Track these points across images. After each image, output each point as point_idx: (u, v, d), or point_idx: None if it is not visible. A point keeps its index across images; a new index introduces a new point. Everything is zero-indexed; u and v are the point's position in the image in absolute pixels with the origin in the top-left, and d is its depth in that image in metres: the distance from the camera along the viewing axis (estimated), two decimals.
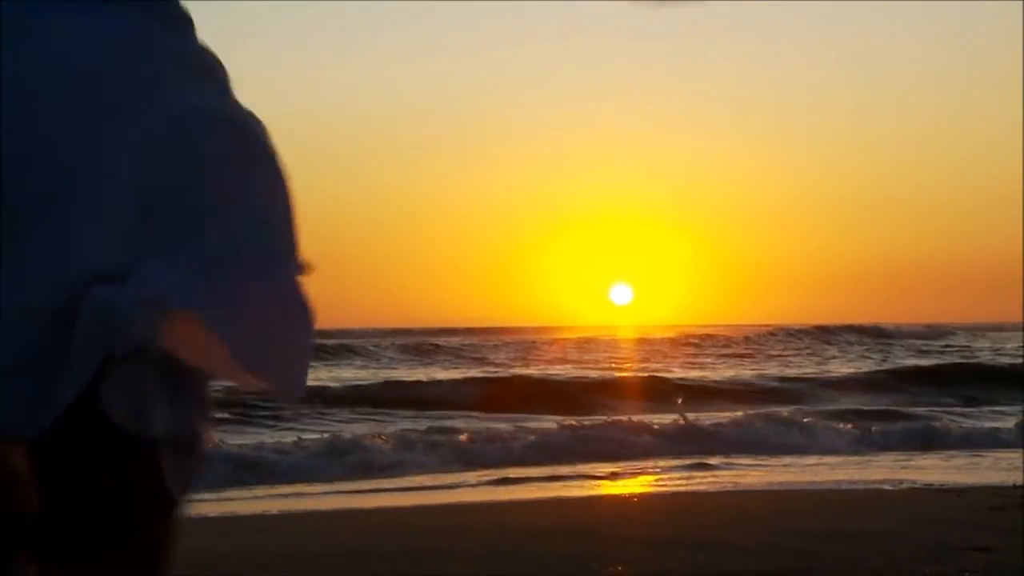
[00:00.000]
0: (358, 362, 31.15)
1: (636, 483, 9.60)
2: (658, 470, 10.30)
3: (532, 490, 8.85)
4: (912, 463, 11.18)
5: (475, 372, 24.99)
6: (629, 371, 26.43)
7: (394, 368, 28.15)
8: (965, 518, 5.82)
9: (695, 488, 8.74)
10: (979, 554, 4.66)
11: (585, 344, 41.62)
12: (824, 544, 4.93)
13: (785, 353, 37.52)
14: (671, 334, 49.99)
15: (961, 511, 6.15)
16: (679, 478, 9.56)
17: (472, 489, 9.81)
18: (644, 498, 8.39)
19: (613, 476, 9.78)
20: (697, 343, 42.27)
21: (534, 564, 4.60)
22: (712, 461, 10.58)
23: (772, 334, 47.19)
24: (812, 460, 11.19)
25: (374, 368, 28.77)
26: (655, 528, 5.69)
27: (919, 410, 17.02)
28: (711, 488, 8.67)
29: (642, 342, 43.15)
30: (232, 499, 9.74)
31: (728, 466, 10.37)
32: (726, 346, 40.91)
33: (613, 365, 30.09)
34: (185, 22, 1.45)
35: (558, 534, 5.45)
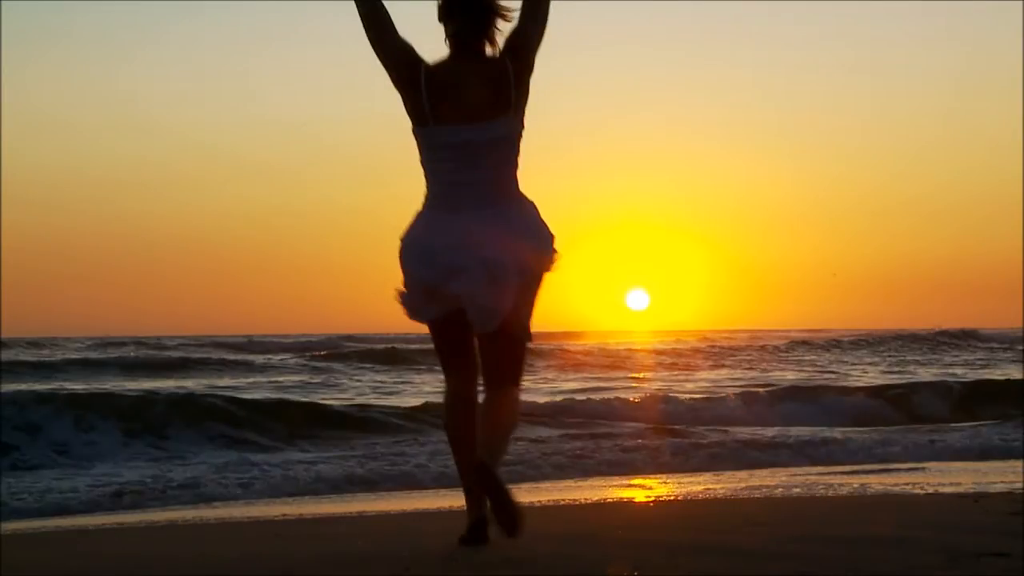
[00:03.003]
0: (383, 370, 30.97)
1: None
2: None
3: (544, 493, 8.85)
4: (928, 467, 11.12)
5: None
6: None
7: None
8: (982, 523, 5.75)
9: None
10: (997, 559, 4.60)
11: (703, 351, 41.53)
12: (835, 549, 4.89)
13: (893, 356, 37.70)
14: (742, 340, 49.96)
15: (978, 516, 6.09)
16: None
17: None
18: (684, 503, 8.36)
19: None
20: (801, 347, 42.39)
21: (541, 567, 4.58)
22: None
23: (800, 341, 47.12)
24: None
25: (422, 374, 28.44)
26: (676, 532, 5.66)
27: None
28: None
29: (734, 349, 43.03)
30: (252, 504, 9.76)
31: None
32: (831, 350, 41.18)
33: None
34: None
35: (568, 538, 5.43)
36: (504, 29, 4.57)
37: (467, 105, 4.42)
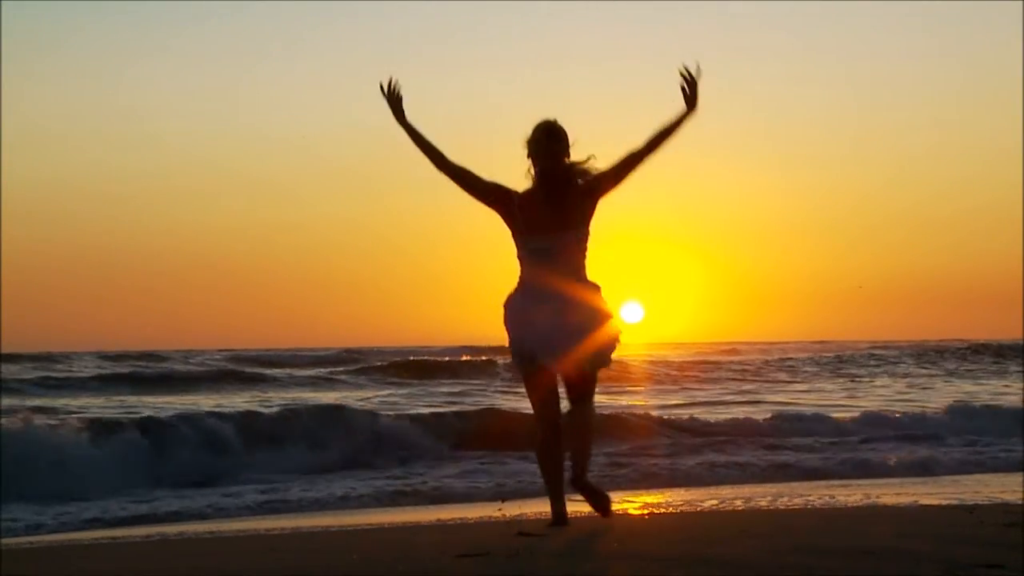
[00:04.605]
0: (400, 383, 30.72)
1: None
2: None
3: (537, 506, 8.84)
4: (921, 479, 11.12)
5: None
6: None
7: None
8: (977, 535, 5.75)
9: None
10: (991, 571, 4.60)
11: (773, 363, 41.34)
12: (832, 560, 4.88)
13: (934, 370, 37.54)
14: (768, 354, 49.75)
15: (972, 528, 6.09)
16: None
17: (480, 506, 9.78)
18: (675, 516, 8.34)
19: None
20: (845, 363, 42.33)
21: None
22: None
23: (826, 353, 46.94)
24: None
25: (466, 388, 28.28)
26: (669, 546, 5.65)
27: None
28: None
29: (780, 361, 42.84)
30: (246, 518, 9.74)
31: None
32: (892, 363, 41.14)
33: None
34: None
35: (565, 551, 5.41)
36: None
37: (547, 224, 6.15)
